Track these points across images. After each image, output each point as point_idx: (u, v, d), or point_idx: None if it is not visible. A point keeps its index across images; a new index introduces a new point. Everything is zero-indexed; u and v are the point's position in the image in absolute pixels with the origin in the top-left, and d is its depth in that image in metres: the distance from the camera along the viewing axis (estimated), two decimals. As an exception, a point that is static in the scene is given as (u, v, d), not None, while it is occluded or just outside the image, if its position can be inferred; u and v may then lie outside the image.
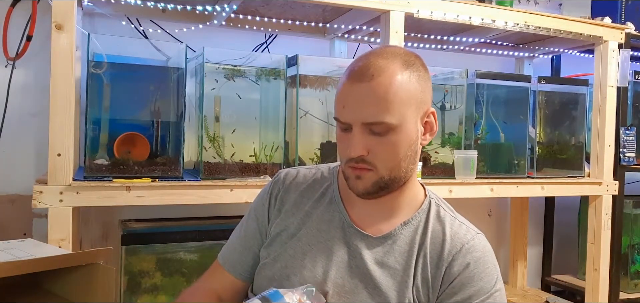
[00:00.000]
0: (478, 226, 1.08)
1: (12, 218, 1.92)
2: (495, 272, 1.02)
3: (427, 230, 1.04)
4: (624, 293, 2.45)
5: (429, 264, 1.01)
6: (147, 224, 1.89)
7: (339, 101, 0.99)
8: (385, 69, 0.96)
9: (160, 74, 1.74)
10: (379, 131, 0.96)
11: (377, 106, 0.94)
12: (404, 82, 0.96)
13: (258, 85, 1.86)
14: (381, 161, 0.98)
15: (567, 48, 2.59)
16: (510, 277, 2.77)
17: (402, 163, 0.99)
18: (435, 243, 1.03)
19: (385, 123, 0.95)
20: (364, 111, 0.95)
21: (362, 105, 0.95)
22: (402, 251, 1.02)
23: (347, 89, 0.98)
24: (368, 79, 0.95)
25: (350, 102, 0.97)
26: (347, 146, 0.99)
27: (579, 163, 2.34)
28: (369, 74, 0.95)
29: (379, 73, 0.95)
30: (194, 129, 1.83)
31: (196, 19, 2.08)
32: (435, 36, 2.38)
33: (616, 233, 2.32)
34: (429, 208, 1.07)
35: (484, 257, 1.02)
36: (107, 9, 1.95)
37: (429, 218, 1.06)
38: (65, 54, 1.49)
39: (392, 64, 0.97)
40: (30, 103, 1.95)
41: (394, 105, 0.95)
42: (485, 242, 1.05)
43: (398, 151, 0.98)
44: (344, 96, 0.98)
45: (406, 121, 0.97)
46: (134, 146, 1.68)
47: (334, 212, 1.08)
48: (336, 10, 2.00)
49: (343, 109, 0.98)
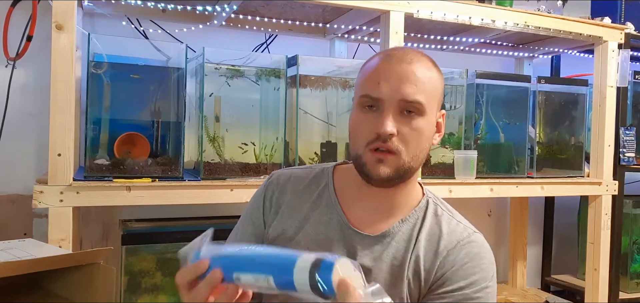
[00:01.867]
0: (478, 226, 1.09)
1: (12, 218, 1.92)
2: (491, 270, 1.02)
3: (424, 227, 1.05)
4: (624, 293, 2.45)
5: (423, 258, 1.02)
6: (147, 224, 1.89)
7: (372, 77, 1.00)
8: (421, 59, 1.02)
9: (161, 74, 1.74)
10: (412, 111, 0.98)
11: (416, 86, 0.98)
12: (434, 76, 1.02)
13: (258, 85, 1.86)
14: (407, 145, 0.98)
15: (567, 48, 2.59)
16: (509, 277, 2.77)
17: (422, 153, 1.02)
18: (432, 239, 1.03)
19: (420, 103, 0.98)
20: (403, 88, 0.97)
21: (402, 82, 0.97)
22: (399, 247, 1.03)
23: (385, 66, 1.00)
24: (407, 62, 0.99)
25: (389, 78, 0.98)
26: (373, 125, 0.98)
27: (578, 163, 2.34)
28: (408, 58, 1.00)
29: (417, 60, 1.01)
30: (194, 129, 1.83)
31: (196, 19, 2.08)
32: (435, 36, 2.38)
33: (616, 233, 2.32)
34: (426, 206, 1.08)
35: (480, 253, 1.02)
36: (107, 9, 1.95)
37: (426, 216, 1.06)
38: (65, 54, 1.49)
39: (425, 58, 1.03)
40: (31, 103, 1.95)
41: (427, 90, 0.99)
42: (483, 241, 1.05)
43: (422, 138, 1.00)
44: (381, 72, 0.99)
45: (432, 111, 1.02)
46: (134, 146, 1.68)
47: (332, 214, 1.08)
48: (336, 10, 2.00)
49: (378, 85, 0.98)
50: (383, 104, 0.98)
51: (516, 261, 2.73)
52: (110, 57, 1.63)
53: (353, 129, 1.03)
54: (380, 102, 0.98)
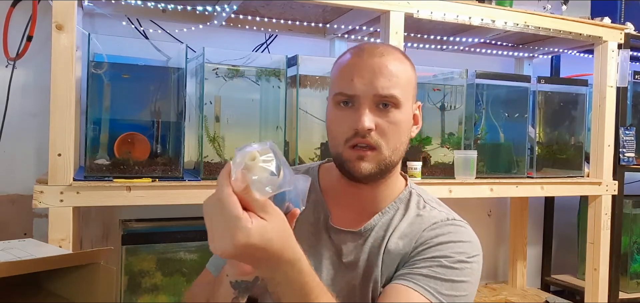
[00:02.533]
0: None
1: (12, 218, 1.92)
2: (470, 249, 1.00)
3: (406, 217, 1.04)
4: (624, 292, 2.45)
5: (401, 240, 1.01)
6: (147, 224, 1.89)
7: (345, 74, 0.99)
8: (393, 51, 1.03)
9: (161, 74, 1.74)
10: (388, 105, 0.98)
11: (390, 79, 0.98)
12: (407, 68, 1.03)
13: (258, 85, 1.86)
14: (386, 139, 0.98)
15: (567, 48, 2.59)
16: (509, 277, 2.77)
17: (402, 146, 1.02)
18: (412, 223, 1.03)
19: (395, 96, 0.98)
20: (376, 82, 0.97)
21: (375, 77, 0.97)
22: (377, 236, 1.03)
23: (357, 61, 0.99)
24: (379, 55, 0.99)
25: (362, 73, 0.98)
26: (350, 121, 0.98)
27: (578, 163, 2.34)
28: (379, 52, 1.00)
29: (389, 53, 1.01)
30: (194, 129, 1.83)
31: (196, 19, 2.08)
32: (435, 36, 2.38)
33: (616, 233, 2.32)
34: (409, 197, 1.08)
35: (459, 232, 1.01)
36: (108, 9, 1.95)
37: (409, 206, 1.06)
38: (65, 54, 1.49)
39: (396, 50, 1.04)
40: (31, 103, 1.95)
41: (401, 82, 0.99)
42: (466, 225, 1.04)
43: (400, 131, 1.00)
44: (353, 69, 0.99)
45: (408, 103, 1.01)
46: (134, 146, 1.68)
47: (319, 213, 1.08)
48: (336, 10, 2.00)
49: (351, 82, 0.98)
50: (358, 100, 0.98)
51: (516, 261, 2.73)
52: (110, 57, 1.63)
53: (330, 127, 1.02)
54: (356, 98, 0.98)
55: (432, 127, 2.13)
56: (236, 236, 0.69)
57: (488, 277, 2.80)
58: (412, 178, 1.90)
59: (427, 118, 2.14)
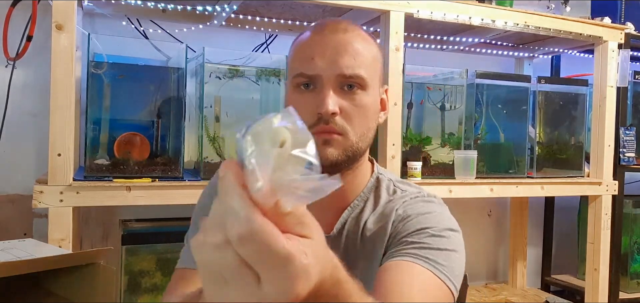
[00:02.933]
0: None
1: (12, 218, 1.92)
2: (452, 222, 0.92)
3: (377, 204, 0.96)
4: (624, 293, 2.45)
5: (375, 224, 0.93)
6: (147, 224, 1.89)
7: (305, 53, 0.89)
8: (356, 29, 0.92)
9: (161, 74, 1.74)
10: (353, 86, 0.89)
11: (354, 58, 0.88)
12: (373, 47, 0.94)
13: (258, 85, 1.86)
14: (352, 124, 0.89)
15: (567, 48, 2.59)
16: (510, 277, 2.77)
17: (369, 131, 0.93)
18: (385, 206, 0.95)
19: (361, 76, 0.88)
20: (340, 61, 0.87)
21: (339, 55, 0.87)
22: (351, 233, 0.95)
23: (318, 39, 0.89)
24: (342, 31, 0.89)
25: (323, 52, 0.87)
26: (312, 105, 0.87)
27: (578, 163, 2.34)
28: (342, 28, 0.90)
29: (352, 30, 0.91)
30: (194, 129, 1.83)
31: (196, 19, 2.08)
32: (435, 36, 2.38)
33: (616, 233, 2.32)
34: (377, 184, 0.99)
35: (438, 206, 0.94)
36: (108, 9, 1.95)
37: (380, 194, 0.97)
38: (65, 54, 1.49)
39: (360, 28, 0.94)
40: (31, 103, 1.95)
41: (366, 61, 0.90)
42: (439, 198, 0.97)
43: (368, 115, 0.91)
44: (313, 47, 0.89)
45: (374, 84, 0.92)
46: (134, 146, 1.68)
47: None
48: (336, 10, 2.00)
49: (312, 61, 0.87)
50: (321, 81, 0.88)
51: (516, 261, 2.73)
52: (110, 57, 1.63)
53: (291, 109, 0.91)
54: (317, 79, 0.88)
55: (433, 127, 2.13)
56: (295, 287, 0.45)
57: (488, 277, 2.80)
58: (412, 178, 1.90)
59: (427, 117, 2.14)
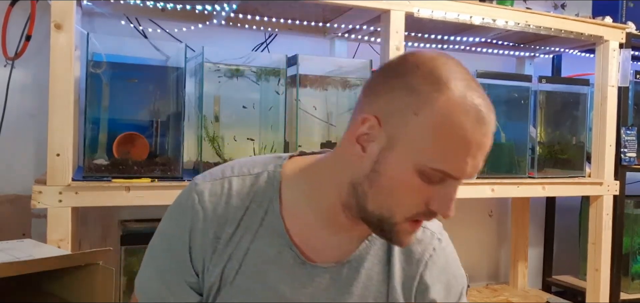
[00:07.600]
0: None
1: (11, 219, 1.92)
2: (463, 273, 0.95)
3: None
4: (625, 293, 2.45)
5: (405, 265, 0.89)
6: (147, 224, 1.89)
7: (460, 151, 0.73)
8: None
9: (160, 73, 1.74)
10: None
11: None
12: None
13: (258, 85, 1.85)
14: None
15: (568, 48, 2.58)
16: (511, 277, 2.76)
17: None
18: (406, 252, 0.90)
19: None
20: (479, 167, 0.77)
21: (483, 160, 0.77)
22: (371, 275, 0.87)
23: (478, 140, 0.74)
24: (491, 132, 0.78)
25: (476, 155, 0.75)
26: (428, 198, 0.76)
27: (580, 163, 2.33)
28: (493, 127, 0.78)
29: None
30: (194, 129, 1.82)
31: (196, 18, 2.07)
32: (435, 36, 2.37)
33: (617, 233, 2.31)
34: None
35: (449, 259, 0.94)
36: (107, 8, 1.95)
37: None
38: (64, 54, 1.48)
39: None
40: (30, 103, 1.94)
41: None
42: (448, 241, 0.95)
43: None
44: (472, 147, 0.74)
45: None
46: (134, 146, 1.67)
47: (281, 245, 0.83)
48: (336, 9, 1.99)
49: (465, 165, 0.74)
50: (456, 183, 0.76)
51: (517, 262, 2.73)
52: (109, 57, 1.62)
53: (397, 192, 0.75)
54: (456, 180, 0.75)
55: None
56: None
57: (489, 277, 2.79)
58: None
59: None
